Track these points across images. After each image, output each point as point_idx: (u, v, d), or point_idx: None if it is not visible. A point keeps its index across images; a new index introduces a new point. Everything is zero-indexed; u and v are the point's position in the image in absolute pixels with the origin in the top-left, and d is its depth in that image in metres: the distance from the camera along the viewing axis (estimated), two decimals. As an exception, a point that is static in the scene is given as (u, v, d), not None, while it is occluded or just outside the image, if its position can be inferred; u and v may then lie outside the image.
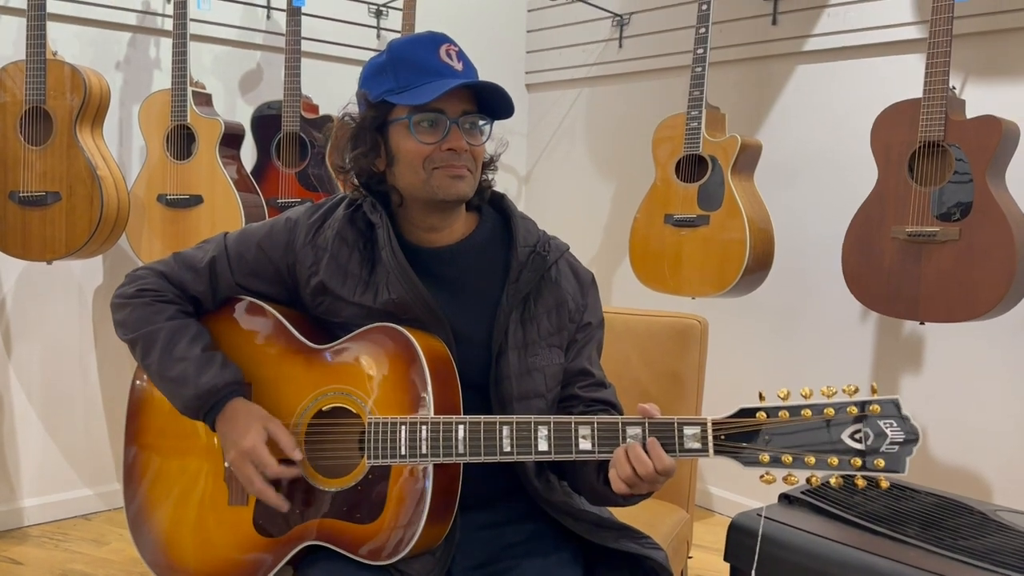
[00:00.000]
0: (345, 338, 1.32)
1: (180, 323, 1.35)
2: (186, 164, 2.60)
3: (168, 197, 2.60)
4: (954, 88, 2.14)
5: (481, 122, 1.31)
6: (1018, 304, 2.12)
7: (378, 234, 1.32)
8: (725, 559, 1.53)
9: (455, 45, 1.29)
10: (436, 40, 1.28)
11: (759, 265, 2.59)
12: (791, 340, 2.88)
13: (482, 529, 1.33)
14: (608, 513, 1.41)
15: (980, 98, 2.26)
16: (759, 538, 1.18)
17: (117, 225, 2.46)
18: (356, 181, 1.35)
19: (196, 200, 2.60)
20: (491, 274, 1.35)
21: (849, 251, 2.28)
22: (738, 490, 3.00)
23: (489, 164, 1.38)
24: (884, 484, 1.07)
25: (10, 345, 2.71)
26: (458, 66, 1.28)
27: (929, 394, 2.54)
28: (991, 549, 1.40)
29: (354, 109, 1.34)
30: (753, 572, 1.14)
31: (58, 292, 2.78)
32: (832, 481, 1.07)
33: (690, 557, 1.90)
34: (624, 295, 3.32)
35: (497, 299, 1.32)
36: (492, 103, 1.29)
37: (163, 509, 1.37)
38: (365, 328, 1.30)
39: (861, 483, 1.07)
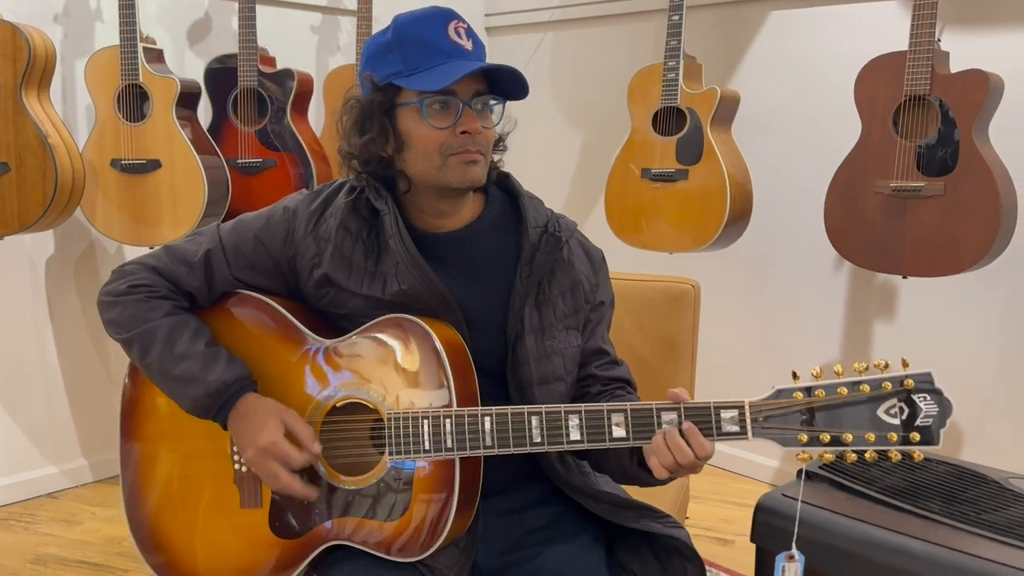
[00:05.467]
0: (357, 331, 1.26)
1: (178, 319, 1.28)
2: (140, 126, 2.45)
3: (123, 162, 2.45)
4: (939, 40, 2.13)
5: (493, 102, 1.25)
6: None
7: (384, 222, 1.26)
8: (752, 540, 1.53)
9: (464, 22, 1.23)
10: (444, 17, 1.21)
11: (737, 219, 2.58)
12: (767, 293, 2.90)
13: (503, 515, 1.31)
14: (627, 493, 1.40)
15: (959, 49, 2.25)
16: (796, 523, 1.18)
17: (73, 196, 2.31)
18: (360, 168, 1.28)
19: (154, 165, 2.45)
20: (502, 258, 1.31)
21: (832, 206, 2.28)
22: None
23: (497, 144, 1.32)
24: (917, 457, 1.08)
25: (-40, 323, 2.56)
26: (468, 45, 1.21)
27: (902, 344, 2.59)
28: (1013, 523, 1.43)
29: (359, 92, 1.26)
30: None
31: (7, 266, 2.62)
32: (867, 455, 1.07)
33: (687, 518, 1.92)
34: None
35: (510, 283, 1.28)
36: (502, 82, 1.23)
37: (173, 522, 1.31)
38: (378, 320, 1.25)
39: (896, 457, 1.08)
